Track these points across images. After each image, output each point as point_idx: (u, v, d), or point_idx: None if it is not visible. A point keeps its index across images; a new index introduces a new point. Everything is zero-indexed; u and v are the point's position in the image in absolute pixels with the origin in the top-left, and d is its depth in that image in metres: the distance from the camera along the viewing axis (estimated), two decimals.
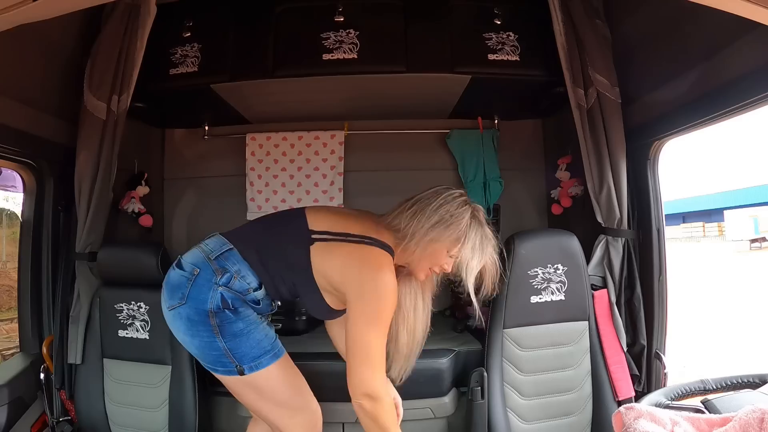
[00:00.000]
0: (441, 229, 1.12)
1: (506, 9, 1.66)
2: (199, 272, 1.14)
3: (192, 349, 1.18)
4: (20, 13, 0.72)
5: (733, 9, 0.77)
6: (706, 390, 0.86)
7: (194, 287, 1.13)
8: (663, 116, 1.43)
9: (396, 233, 1.15)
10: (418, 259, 1.15)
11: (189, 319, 1.13)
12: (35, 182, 1.60)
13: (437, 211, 1.12)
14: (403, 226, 1.13)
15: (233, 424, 1.58)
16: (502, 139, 2.23)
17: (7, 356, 2.57)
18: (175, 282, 1.16)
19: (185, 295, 1.13)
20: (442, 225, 1.12)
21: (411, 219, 1.13)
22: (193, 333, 1.14)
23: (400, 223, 1.14)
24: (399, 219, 1.15)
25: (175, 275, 1.17)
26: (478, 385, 1.39)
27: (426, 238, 1.12)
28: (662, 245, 1.52)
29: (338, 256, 1.14)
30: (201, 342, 1.14)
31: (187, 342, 1.17)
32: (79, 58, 1.51)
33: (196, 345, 1.15)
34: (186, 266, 1.17)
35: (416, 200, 1.17)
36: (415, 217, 1.13)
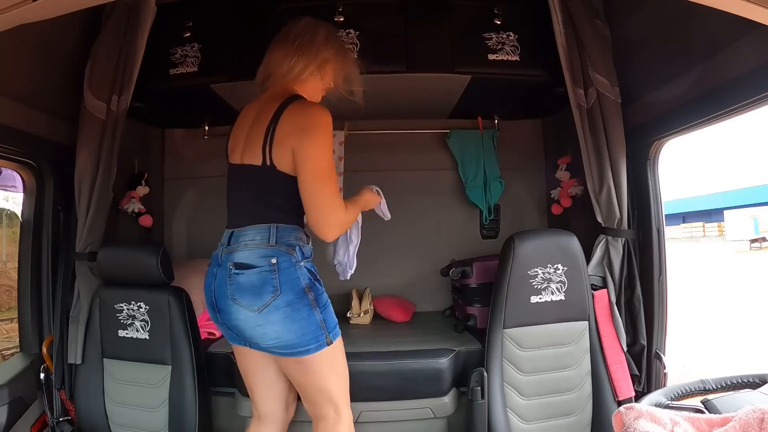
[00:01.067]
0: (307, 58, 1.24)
1: (506, 9, 1.66)
2: (278, 260, 1.13)
3: (288, 337, 1.13)
4: (20, 13, 0.72)
5: (733, 9, 0.77)
6: (706, 390, 0.86)
7: (282, 274, 1.13)
8: (663, 116, 1.43)
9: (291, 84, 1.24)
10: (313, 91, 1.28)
11: (288, 304, 1.13)
12: (35, 182, 1.60)
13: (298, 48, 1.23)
14: (285, 73, 1.23)
15: (233, 424, 1.58)
16: (502, 139, 2.24)
17: (7, 356, 2.57)
18: (257, 282, 1.13)
19: (277, 286, 1.13)
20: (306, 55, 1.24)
21: (284, 64, 1.23)
22: (293, 318, 1.13)
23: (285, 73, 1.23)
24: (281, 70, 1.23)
25: (250, 277, 1.13)
26: (478, 385, 1.39)
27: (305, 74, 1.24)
28: (662, 245, 1.52)
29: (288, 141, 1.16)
30: (301, 323, 1.14)
31: (284, 332, 1.13)
32: (79, 58, 1.50)
33: (295, 329, 1.13)
34: (257, 262, 1.14)
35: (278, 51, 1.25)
36: (285, 61, 1.23)
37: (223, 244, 1.22)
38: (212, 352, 1.61)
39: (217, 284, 1.19)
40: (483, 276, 1.79)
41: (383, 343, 1.63)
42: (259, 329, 1.14)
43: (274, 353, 1.18)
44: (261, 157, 1.16)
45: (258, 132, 1.18)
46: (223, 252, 1.20)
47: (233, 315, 1.16)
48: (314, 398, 1.23)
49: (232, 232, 1.21)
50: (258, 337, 1.15)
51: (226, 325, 1.20)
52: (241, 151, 1.22)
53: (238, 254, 1.17)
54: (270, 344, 1.15)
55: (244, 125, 1.25)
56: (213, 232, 2.21)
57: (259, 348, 1.19)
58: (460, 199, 2.26)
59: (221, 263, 1.19)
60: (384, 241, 2.24)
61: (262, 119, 1.19)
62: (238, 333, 1.18)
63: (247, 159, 1.19)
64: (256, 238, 1.17)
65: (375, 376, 1.48)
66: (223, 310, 1.18)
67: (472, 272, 1.81)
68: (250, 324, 1.14)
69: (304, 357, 1.16)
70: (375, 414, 1.50)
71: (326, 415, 1.23)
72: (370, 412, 1.49)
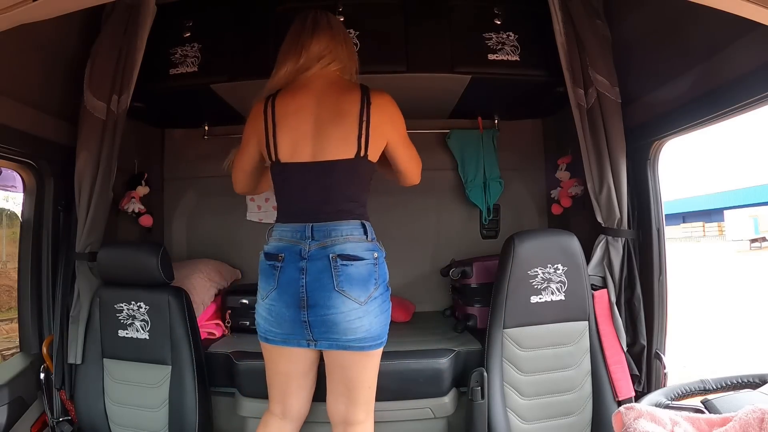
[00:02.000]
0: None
1: (506, 9, 1.66)
2: (378, 255, 1.19)
3: (376, 328, 1.17)
4: (20, 13, 0.72)
5: (733, 9, 0.77)
6: (706, 390, 0.86)
7: (380, 268, 1.20)
8: (663, 116, 1.43)
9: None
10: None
11: (381, 296, 1.19)
12: (35, 182, 1.60)
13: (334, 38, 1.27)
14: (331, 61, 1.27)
15: (233, 424, 1.58)
16: (502, 139, 2.23)
17: (7, 356, 2.57)
18: (365, 273, 1.16)
19: (377, 278, 1.18)
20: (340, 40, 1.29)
21: (339, 52, 1.27)
22: (382, 309, 1.19)
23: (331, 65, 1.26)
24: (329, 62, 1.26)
25: (360, 268, 1.16)
26: (478, 385, 1.39)
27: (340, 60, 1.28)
28: (662, 245, 1.52)
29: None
30: (386, 315, 1.21)
31: (375, 323, 1.17)
32: (79, 58, 1.50)
33: (381, 321, 1.19)
34: (364, 255, 1.16)
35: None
36: (338, 49, 1.27)
37: (305, 237, 1.17)
38: (212, 352, 1.61)
39: (312, 278, 1.15)
40: (483, 276, 1.79)
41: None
42: (357, 321, 1.15)
43: (350, 348, 1.17)
44: (356, 149, 1.17)
45: (340, 125, 1.18)
46: (312, 245, 1.16)
47: (335, 308, 1.14)
48: (360, 396, 1.24)
49: (311, 226, 1.17)
50: (351, 330, 1.15)
51: (314, 321, 1.16)
52: (311, 146, 1.19)
53: (340, 247, 1.16)
54: (358, 336, 1.16)
55: (299, 119, 1.20)
56: (213, 232, 2.25)
57: (332, 344, 1.17)
58: (460, 199, 2.26)
59: (310, 257, 1.16)
60: (384, 241, 2.23)
61: (342, 112, 1.18)
62: (327, 328, 1.15)
63: (330, 154, 1.17)
64: (354, 233, 1.18)
65: None
66: (319, 304, 1.14)
67: (472, 272, 1.81)
68: (352, 316, 1.14)
69: (375, 351, 1.21)
70: (375, 414, 1.49)
71: (357, 419, 1.24)
72: None
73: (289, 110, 1.22)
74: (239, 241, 2.22)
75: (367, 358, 1.21)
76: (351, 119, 1.17)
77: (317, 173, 1.19)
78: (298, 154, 1.20)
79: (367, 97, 1.19)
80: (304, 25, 1.27)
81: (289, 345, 1.22)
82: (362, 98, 1.19)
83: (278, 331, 1.21)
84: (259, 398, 1.50)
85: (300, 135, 1.20)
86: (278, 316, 1.19)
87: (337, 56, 1.26)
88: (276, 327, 1.20)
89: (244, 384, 1.52)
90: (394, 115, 1.25)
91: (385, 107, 1.22)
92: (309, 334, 1.18)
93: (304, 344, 1.20)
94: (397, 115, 1.26)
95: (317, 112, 1.20)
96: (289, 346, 1.22)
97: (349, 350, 1.18)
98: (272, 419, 1.31)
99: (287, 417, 1.31)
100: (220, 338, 1.77)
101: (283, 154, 1.21)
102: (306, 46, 1.24)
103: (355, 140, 1.17)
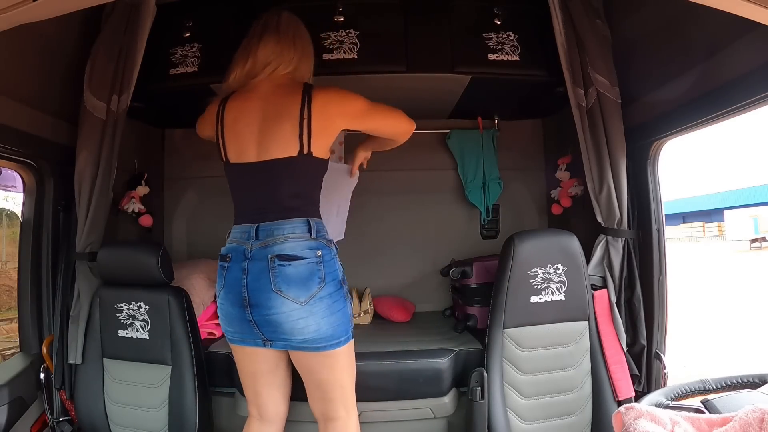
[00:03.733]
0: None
1: (506, 9, 1.66)
2: (322, 252, 1.17)
3: (326, 329, 1.16)
4: (20, 13, 0.72)
5: (733, 9, 0.77)
6: (706, 390, 0.86)
7: (326, 266, 1.17)
8: (663, 116, 1.43)
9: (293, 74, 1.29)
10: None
11: (330, 296, 1.16)
12: (35, 182, 1.60)
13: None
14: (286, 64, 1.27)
15: (233, 424, 1.58)
16: (502, 139, 2.23)
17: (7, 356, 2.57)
18: (305, 273, 1.14)
19: (323, 277, 1.16)
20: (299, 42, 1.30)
21: (284, 56, 1.27)
22: (332, 310, 1.17)
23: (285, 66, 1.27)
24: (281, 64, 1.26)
25: (299, 268, 1.14)
26: (478, 385, 1.39)
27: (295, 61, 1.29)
28: (662, 245, 1.52)
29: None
30: (338, 315, 1.18)
31: (324, 323, 1.15)
32: (79, 58, 1.50)
33: (333, 321, 1.17)
34: (304, 253, 1.15)
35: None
36: (284, 54, 1.27)
37: (249, 238, 1.18)
38: (212, 352, 1.61)
39: (252, 278, 1.16)
40: (483, 276, 1.79)
41: (383, 343, 1.63)
42: (301, 321, 1.14)
43: (305, 349, 1.17)
44: (298, 147, 1.18)
45: (281, 125, 1.19)
46: (254, 245, 1.17)
47: (274, 309, 1.14)
48: (332, 396, 1.23)
49: (257, 226, 1.18)
50: (297, 330, 1.14)
51: (259, 321, 1.16)
52: (256, 147, 1.21)
53: (279, 246, 1.15)
54: (307, 337, 1.15)
55: (245, 122, 1.23)
56: (213, 232, 2.24)
57: (286, 345, 1.18)
58: (460, 199, 2.26)
59: (252, 257, 1.17)
60: (384, 241, 2.24)
61: (284, 113, 1.19)
62: (273, 328, 1.16)
63: (274, 153, 1.19)
64: (296, 231, 1.17)
65: (375, 376, 1.48)
66: (259, 304, 1.15)
67: (472, 272, 1.81)
68: (294, 317, 1.14)
69: (335, 350, 1.18)
70: (375, 414, 1.50)
71: (337, 415, 1.24)
72: (370, 412, 1.48)
73: (236, 114, 1.25)
74: None
75: (330, 359, 1.19)
76: (292, 118, 1.18)
77: (262, 173, 1.20)
78: (244, 155, 1.22)
79: (308, 96, 1.20)
80: (254, 30, 1.30)
81: (247, 345, 1.24)
82: (303, 97, 1.20)
83: (232, 330, 1.23)
84: None
85: (246, 137, 1.22)
86: (227, 316, 1.21)
87: (283, 60, 1.26)
88: (229, 326, 1.23)
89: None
90: (339, 105, 1.23)
91: (328, 100, 1.21)
92: (260, 333, 1.19)
93: (260, 344, 1.21)
94: (344, 102, 1.24)
95: (263, 115, 1.22)
96: (248, 346, 1.24)
97: (305, 351, 1.18)
98: (253, 422, 1.33)
99: (264, 418, 1.32)
100: (220, 338, 1.77)
101: (231, 155, 1.25)
102: (253, 52, 1.26)
103: (296, 138, 1.18)
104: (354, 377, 1.27)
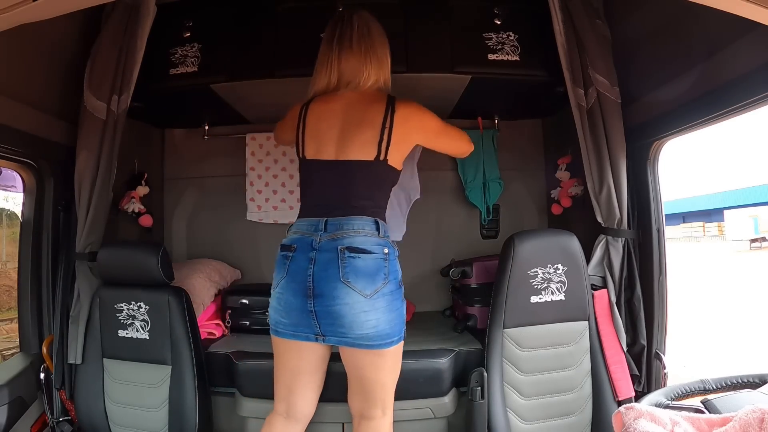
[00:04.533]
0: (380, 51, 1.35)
1: (506, 9, 1.65)
2: (388, 251, 1.21)
3: (384, 326, 1.18)
4: (20, 13, 0.72)
5: (733, 9, 0.77)
6: (706, 390, 0.86)
7: (390, 264, 1.21)
8: (663, 116, 1.43)
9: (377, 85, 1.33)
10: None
11: (391, 293, 1.20)
12: (35, 182, 1.60)
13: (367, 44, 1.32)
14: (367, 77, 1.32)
15: (233, 424, 1.58)
16: (502, 139, 2.23)
17: (7, 356, 2.57)
18: (372, 267, 1.18)
19: (387, 274, 1.19)
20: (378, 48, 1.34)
21: (363, 73, 1.31)
22: (392, 307, 1.19)
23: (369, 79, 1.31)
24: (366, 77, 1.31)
25: (367, 261, 1.18)
26: (478, 385, 1.39)
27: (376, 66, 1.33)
28: (662, 245, 1.52)
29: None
30: (396, 313, 1.21)
31: (383, 320, 1.17)
32: (79, 58, 1.50)
33: (390, 319, 1.19)
34: (372, 248, 1.19)
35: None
36: (363, 71, 1.31)
37: (317, 230, 1.21)
38: (212, 352, 1.61)
39: (319, 268, 1.17)
40: (483, 276, 1.79)
41: None
42: (363, 315, 1.16)
43: (359, 345, 1.18)
44: (375, 152, 1.23)
45: (363, 130, 1.25)
46: (323, 237, 1.20)
47: (340, 299, 1.15)
48: (373, 395, 1.25)
49: (326, 220, 1.22)
50: (357, 324, 1.16)
51: (320, 312, 1.17)
52: (335, 147, 1.27)
53: (350, 239, 1.19)
54: (365, 332, 1.16)
55: (328, 124, 1.29)
56: (213, 232, 2.25)
57: (340, 341, 1.19)
58: (460, 199, 2.26)
59: (320, 248, 1.19)
60: None
61: (366, 120, 1.26)
62: (333, 320, 1.17)
63: (352, 155, 1.24)
64: (365, 228, 1.21)
65: None
66: (324, 294, 1.16)
67: (472, 272, 1.81)
68: (357, 309, 1.15)
69: (386, 349, 1.20)
70: None
71: (374, 414, 1.26)
72: None
73: (318, 115, 1.31)
74: (239, 241, 2.23)
75: (380, 358, 1.21)
76: (374, 126, 1.24)
77: (337, 171, 1.26)
78: (322, 153, 1.28)
79: (392, 107, 1.26)
80: (331, 44, 1.32)
81: (298, 339, 1.23)
82: (387, 107, 1.26)
83: (287, 322, 1.22)
84: (259, 398, 1.50)
85: (326, 137, 1.28)
86: (286, 305, 1.21)
87: (363, 77, 1.30)
88: (285, 317, 1.22)
89: (244, 384, 1.52)
90: (420, 120, 1.31)
91: (409, 114, 1.28)
92: (317, 326, 1.19)
93: (312, 338, 1.21)
94: (424, 119, 1.32)
95: (345, 119, 1.28)
96: (298, 340, 1.23)
97: (358, 348, 1.19)
98: (277, 420, 1.31)
99: (291, 417, 1.30)
100: (220, 338, 1.77)
101: (308, 152, 1.30)
102: (333, 68, 1.31)
103: (375, 145, 1.24)
104: (397, 379, 1.28)
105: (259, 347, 1.61)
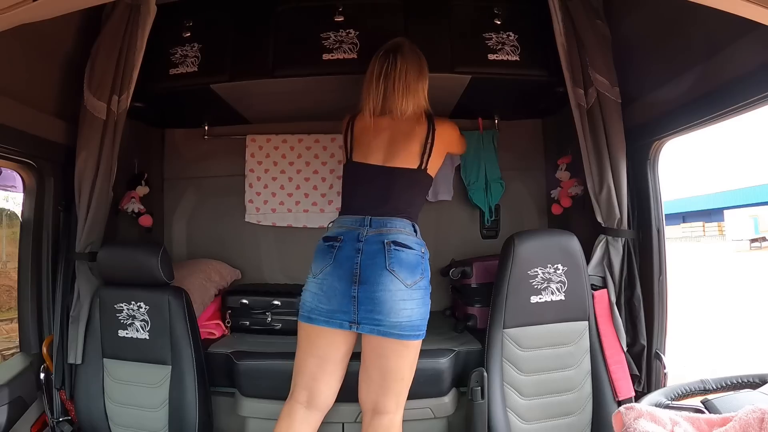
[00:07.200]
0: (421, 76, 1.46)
1: (506, 9, 1.66)
2: (424, 250, 1.35)
3: (416, 318, 1.28)
4: (20, 13, 0.72)
5: (733, 9, 0.77)
6: (706, 390, 0.86)
7: (425, 262, 1.34)
8: (663, 116, 1.43)
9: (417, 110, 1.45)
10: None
11: (425, 288, 1.32)
12: (35, 182, 1.60)
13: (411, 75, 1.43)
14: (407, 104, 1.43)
15: (233, 424, 1.58)
16: (502, 139, 2.23)
17: (7, 356, 2.57)
18: (413, 261, 1.30)
19: (423, 270, 1.32)
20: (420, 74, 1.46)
21: (409, 104, 1.43)
22: (423, 301, 1.31)
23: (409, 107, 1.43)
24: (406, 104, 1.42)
25: (409, 255, 1.30)
26: (478, 385, 1.39)
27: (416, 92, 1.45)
28: (662, 245, 1.52)
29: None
30: (425, 308, 1.32)
31: (416, 311, 1.28)
32: (79, 58, 1.50)
33: (421, 312, 1.30)
34: (413, 245, 1.32)
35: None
36: (408, 102, 1.42)
37: (362, 225, 1.33)
38: (212, 352, 1.61)
39: (366, 257, 1.28)
40: (483, 276, 1.79)
41: None
42: (401, 303, 1.26)
43: (390, 335, 1.26)
44: (419, 162, 1.41)
45: (410, 143, 1.42)
46: (369, 231, 1.31)
47: (384, 285, 1.25)
48: (391, 386, 1.30)
49: (370, 218, 1.34)
50: (395, 312, 1.25)
51: (362, 298, 1.25)
52: (383, 155, 1.42)
53: (394, 236, 1.31)
54: (400, 321, 1.25)
55: (377, 135, 1.44)
56: (213, 232, 2.25)
57: (374, 329, 1.26)
58: (460, 199, 2.26)
59: (366, 240, 1.30)
60: None
61: (413, 134, 1.43)
62: (372, 306, 1.25)
63: (398, 163, 1.41)
64: (405, 228, 1.35)
65: None
66: (369, 281, 1.26)
67: (472, 272, 1.81)
68: (398, 296, 1.25)
69: (413, 341, 1.29)
70: None
71: (387, 409, 1.30)
72: None
73: (366, 127, 1.46)
74: (239, 241, 2.23)
75: (405, 349, 1.29)
76: (420, 141, 1.43)
77: (383, 175, 1.40)
78: (370, 158, 1.43)
79: (432, 125, 1.45)
80: (378, 80, 1.42)
81: (331, 326, 1.29)
82: (429, 126, 1.45)
83: (325, 308, 1.29)
84: (259, 398, 1.51)
85: (374, 146, 1.43)
86: (329, 290, 1.28)
87: (402, 109, 1.42)
88: (325, 303, 1.29)
89: (244, 384, 1.52)
90: (450, 135, 1.53)
91: (445, 131, 1.49)
92: (354, 313, 1.26)
93: (346, 326, 1.28)
94: (454, 134, 1.56)
95: (392, 132, 1.44)
96: (331, 327, 1.29)
97: (388, 337, 1.26)
98: (297, 408, 1.33)
99: (312, 405, 1.33)
100: (220, 338, 1.77)
101: (356, 157, 1.45)
102: (378, 100, 1.42)
103: (419, 156, 1.41)
104: (413, 377, 1.34)
105: (259, 347, 1.61)
